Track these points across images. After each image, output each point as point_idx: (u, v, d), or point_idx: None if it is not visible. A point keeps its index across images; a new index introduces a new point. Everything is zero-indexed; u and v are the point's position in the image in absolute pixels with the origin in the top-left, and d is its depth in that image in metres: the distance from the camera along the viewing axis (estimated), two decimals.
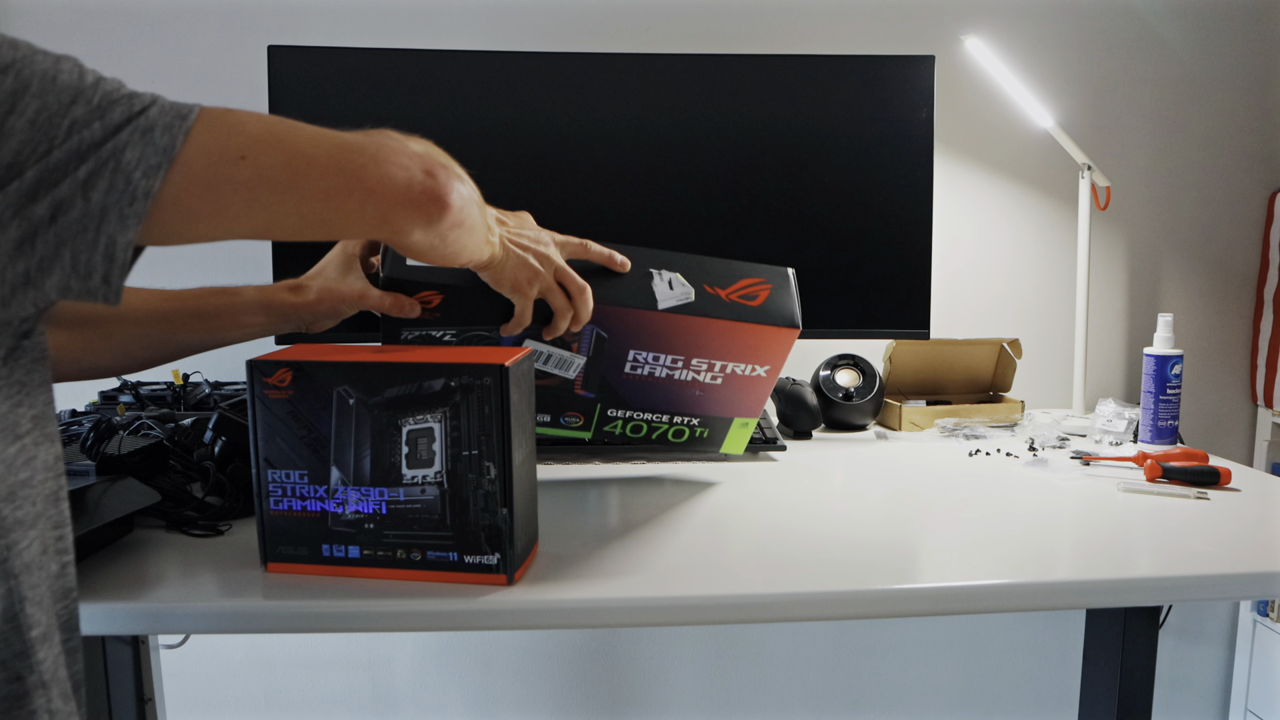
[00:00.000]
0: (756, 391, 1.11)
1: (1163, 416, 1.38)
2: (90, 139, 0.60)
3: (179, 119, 0.63)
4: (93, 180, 0.60)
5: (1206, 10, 1.71)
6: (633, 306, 1.01)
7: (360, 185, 0.69)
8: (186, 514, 0.98)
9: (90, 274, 0.61)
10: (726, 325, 1.03)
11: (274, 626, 0.84)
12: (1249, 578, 0.91)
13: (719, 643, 1.81)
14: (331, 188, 0.68)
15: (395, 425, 0.82)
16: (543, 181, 1.41)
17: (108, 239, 0.60)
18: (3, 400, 0.64)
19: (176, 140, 0.62)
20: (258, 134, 0.66)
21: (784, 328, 1.04)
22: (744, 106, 1.42)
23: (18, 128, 0.58)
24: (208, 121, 0.64)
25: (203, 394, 1.35)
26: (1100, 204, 1.61)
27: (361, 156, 0.69)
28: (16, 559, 0.64)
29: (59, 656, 0.67)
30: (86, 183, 0.60)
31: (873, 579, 0.88)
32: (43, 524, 0.67)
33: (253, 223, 0.67)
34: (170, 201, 0.62)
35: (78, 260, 0.60)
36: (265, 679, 1.76)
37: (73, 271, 0.61)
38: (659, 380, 1.08)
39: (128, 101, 0.62)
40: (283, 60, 1.36)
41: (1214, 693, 1.90)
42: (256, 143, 0.65)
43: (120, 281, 0.62)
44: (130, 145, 0.61)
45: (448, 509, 0.83)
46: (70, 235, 0.60)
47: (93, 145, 0.60)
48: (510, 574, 0.83)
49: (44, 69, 0.60)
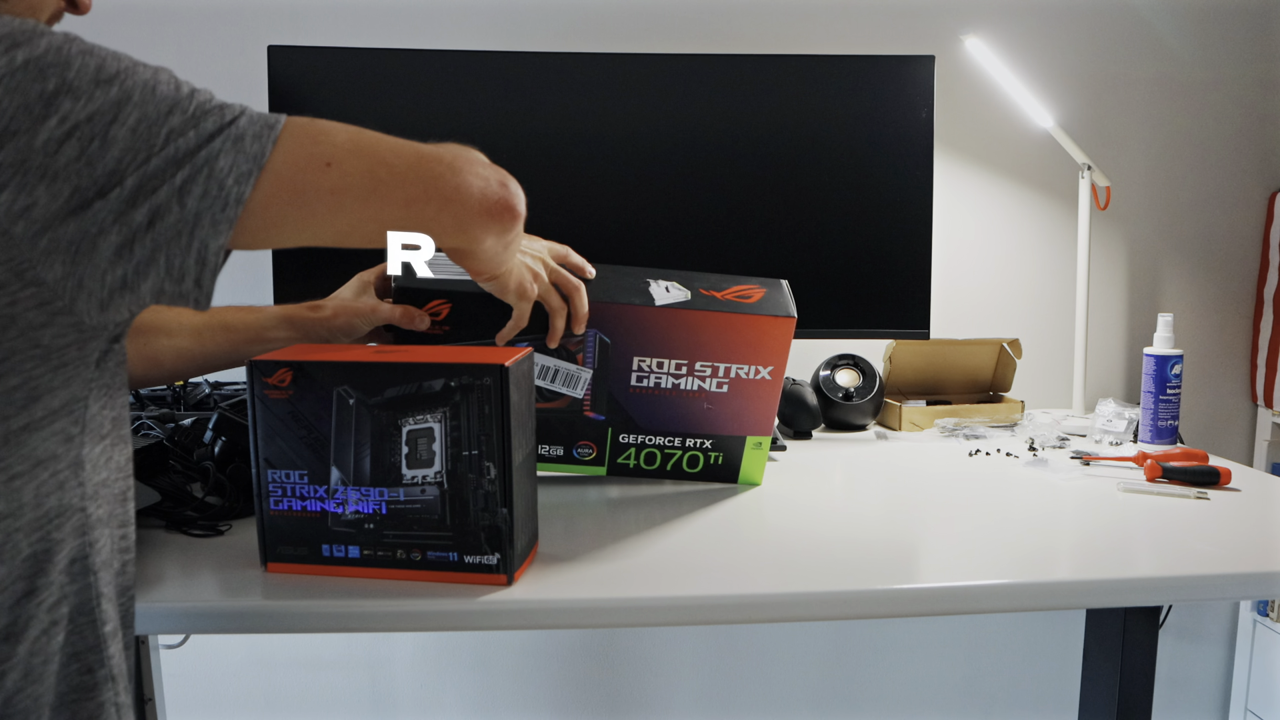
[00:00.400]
0: (764, 401, 1.09)
1: (1163, 416, 1.38)
2: (186, 147, 0.62)
3: (267, 128, 0.65)
4: (188, 186, 0.62)
5: (1206, 10, 1.71)
6: (631, 304, 1.03)
7: (439, 193, 0.71)
8: (186, 514, 0.98)
9: (183, 277, 0.63)
10: (724, 318, 1.04)
11: (274, 626, 0.84)
12: (1249, 578, 0.91)
13: (719, 643, 1.81)
14: (411, 195, 0.70)
15: (395, 425, 0.82)
16: (543, 181, 1.40)
17: (200, 243, 0.62)
18: (96, 401, 0.67)
19: (266, 148, 0.64)
20: (342, 142, 0.68)
21: (781, 317, 1.05)
22: (744, 106, 1.42)
23: (119, 136, 0.60)
24: (294, 130, 0.66)
25: (203, 394, 1.35)
26: (1100, 204, 1.61)
27: (440, 165, 0.71)
28: (96, 555, 0.67)
29: (123, 651, 0.71)
30: (182, 189, 0.62)
31: (873, 579, 0.88)
32: (113, 523, 0.70)
33: (335, 228, 0.69)
34: (259, 207, 0.64)
35: (172, 265, 0.62)
36: (265, 679, 1.76)
37: (167, 275, 0.63)
38: (666, 393, 1.08)
39: (219, 111, 0.64)
40: (283, 60, 1.36)
41: (1214, 693, 1.90)
42: (341, 151, 0.67)
43: (211, 285, 0.64)
44: (223, 153, 0.63)
45: (448, 509, 0.83)
46: (166, 240, 0.62)
47: (188, 153, 0.62)
48: (510, 574, 0.83)
49: (145, 79, 0.63)
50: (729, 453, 1.13)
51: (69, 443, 0.65)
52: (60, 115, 0.59)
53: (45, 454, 0.64)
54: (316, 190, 0.66)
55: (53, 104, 0.59)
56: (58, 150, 0.59)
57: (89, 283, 0.62)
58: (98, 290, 0.62)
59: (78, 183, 0.60)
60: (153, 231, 0.61)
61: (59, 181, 0.59)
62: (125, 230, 0.61)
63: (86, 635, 0.66)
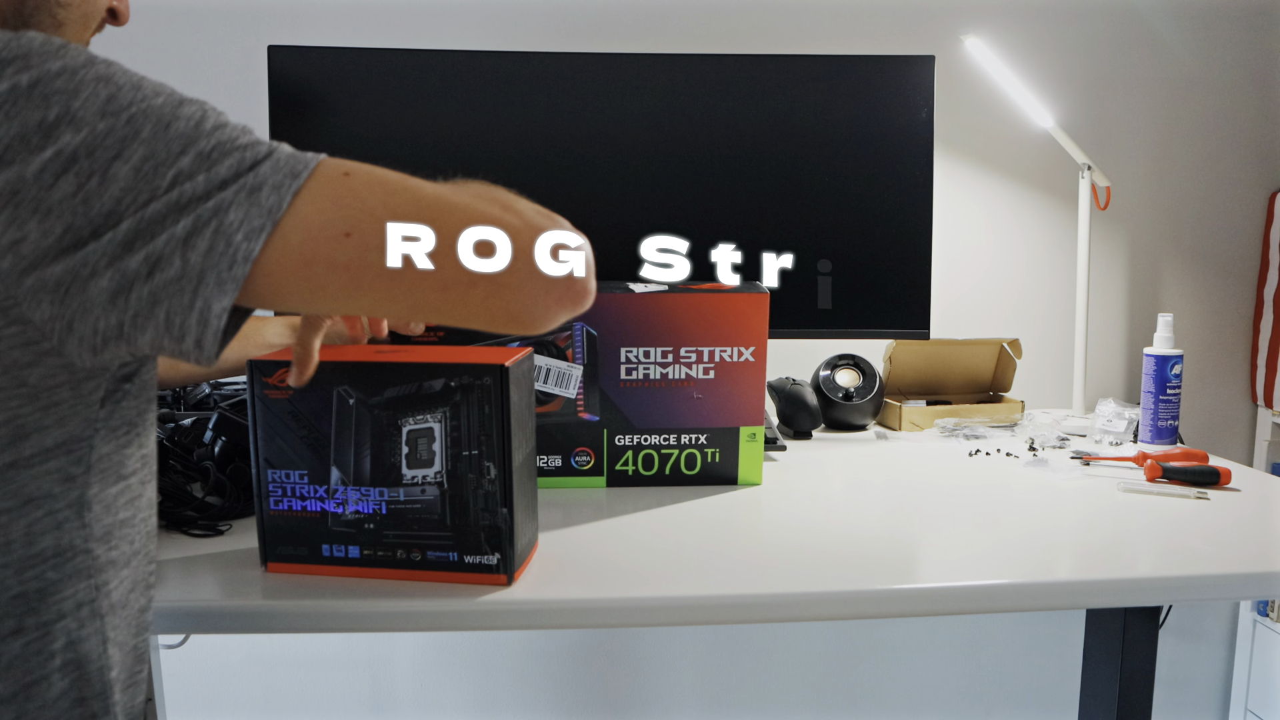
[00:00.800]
0: (751, 386, 1.12)
1: (1163, 416, 1.38)
2: (193, 192, 0.57)
3: (291, 176, 0.58)
4: (193, 240, 0.56)
5: (1206, 10, 1.71)
6: (612, 292, 1.09)
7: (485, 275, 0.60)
8: (186, 514, 0.98)
9: (184, 336, 0.58)
10: (703, 298, 1.10)
11: (274, 626, 0.84)
12: (1249, 578, 0.91)
13: (719, 643, 1.81)
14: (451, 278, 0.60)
15: (395, 425, 0.82)
16: (542, 181, 1.41)
17: (204, 303, 0.57)
18: (106, 442, 0.63)
19: (284, 201, 0.57)
20: (373, 206, 0.59)
21: (755, 294, 1.10)
22: (744, 107, 1.42)
23: (121, 174, 0.56)
24: (321, 183, 0.59)
25: (203, 394, 1.35)
26: (1100, 204, 1.61)
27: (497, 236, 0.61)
28: (104, 600, 0.64)
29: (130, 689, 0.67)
30: (186, 241, 0.56)
31: (873, 579, 0.88)
32: (137, 561, 0.67)
33: (353, 306, 0.61)
34: (265, 271, 0.57)
35: (172, 321, 0.57)
36: (265, 679, 1.76)
37: (166, 331, 0.58)
38: (655, 384, 1.11)
39: (241, 154, 0.58)
40: (283, 60, 1.36)
41: (1214, 693, 1.90)
42: (369, 217, 0.59)
43: (214, 347, 0.58)
44: (235, 204, 0.57)
45: (448, 509, 0.83)
46: (167, 295, 0.57)
47: (194, 199, 0.56)
48: (510, 574, 0.84)
49: (160, 114, 0.57)
50: (725, 448, 1.15)
51: (69, 482, 0.62)
52: (58, 147, 0.55)
53: (37, 492, 0.60)
54: (329, 264, 0.58)
55: (52, 134, 0.55)
56: (53, 184, 0.55)
57: (79, 327, 0.57)
58: (89, 336, 0.58)
59: (71, 220, 0.55)
60: (151, 282, 0.56)
61: (52, 218, 0.55)
62: (119, 277, 0.56)
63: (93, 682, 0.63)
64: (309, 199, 0.58)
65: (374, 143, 1.38)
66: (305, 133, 1.37)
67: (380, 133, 1.38)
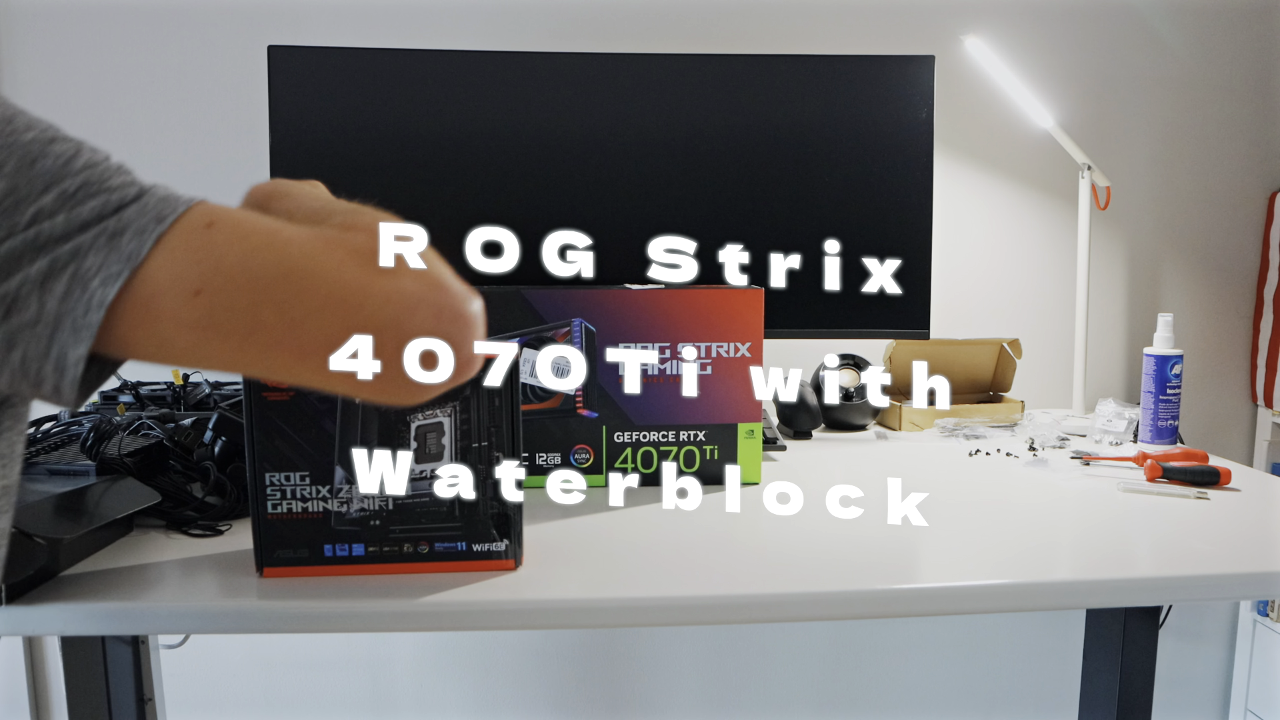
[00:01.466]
0: (747, 381, 1.13)
1: (1163, 416, 1.38)
2: (50, 233, 0.53)
3: (156, 221, 0.54)
4: (49, 283, 0.53)
5: (1206, 11, 1.71)
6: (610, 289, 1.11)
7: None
8: (186, 514, 0.98)
9: (41, 383, 0.55)
10: (699, 293, 1.11)
11: (274, 627, 0.84)
12: (1249, 578, 0.91)
13: (719, 643, 1.81)
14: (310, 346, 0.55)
15: (404, 422, 0.82)
16: (542, 181, 1.41)
17: (59, 350, 0.53)
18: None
19: (144, 247, 0.53)
20: (228, 264, 0.54)
21: (749, 289, 1.11)
22: (744, 107, 1.42)
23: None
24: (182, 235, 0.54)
25: (203, 394, 1.35)
26: (1100, 204, 1.61)
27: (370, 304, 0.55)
28: None
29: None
30: (43, 284, 0.53)
31: (873, 579, 0.88)
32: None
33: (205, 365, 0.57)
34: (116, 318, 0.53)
35: (28, 367, 0.54)
36: (265, 679, 1.76)
37: (23, 376, 0.54)
38: (654, 380, 1.12)
39: (107, 196, 0.54)
40: (283, 60, 1.36)
41: (1214, 693, 1.90)
42: (221, 277, 0.54)
43: (73, 394, 0.55)
44: (95, 249, 0.53)
45: (457, 500, 0.83)
46: (23, 339, 0.53)
47: (52, 240, 0.53)
48: (518, 557, 0.85)
49: (28, 150, 0.54)
50: (723, 445, 1.15)
51: None
52: None
53: None
54: (175, 322, 0.54)
55: None
56: None
57: None
58: None
59: None
60: (7, 324, 0.53)
61: None
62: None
63: None
64: (165, 249, 0.54)
65: (374, 143, 1.38)
66: (305, 133, 1.37)
67: (380, 133, 1.38)
